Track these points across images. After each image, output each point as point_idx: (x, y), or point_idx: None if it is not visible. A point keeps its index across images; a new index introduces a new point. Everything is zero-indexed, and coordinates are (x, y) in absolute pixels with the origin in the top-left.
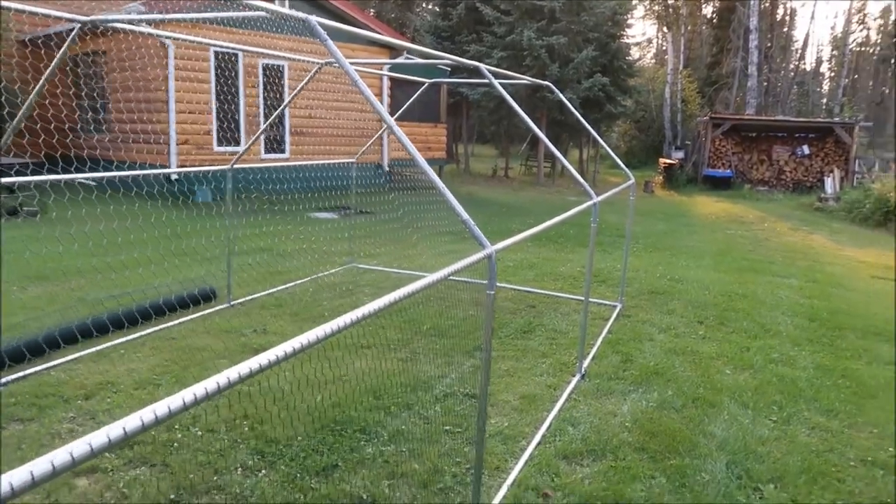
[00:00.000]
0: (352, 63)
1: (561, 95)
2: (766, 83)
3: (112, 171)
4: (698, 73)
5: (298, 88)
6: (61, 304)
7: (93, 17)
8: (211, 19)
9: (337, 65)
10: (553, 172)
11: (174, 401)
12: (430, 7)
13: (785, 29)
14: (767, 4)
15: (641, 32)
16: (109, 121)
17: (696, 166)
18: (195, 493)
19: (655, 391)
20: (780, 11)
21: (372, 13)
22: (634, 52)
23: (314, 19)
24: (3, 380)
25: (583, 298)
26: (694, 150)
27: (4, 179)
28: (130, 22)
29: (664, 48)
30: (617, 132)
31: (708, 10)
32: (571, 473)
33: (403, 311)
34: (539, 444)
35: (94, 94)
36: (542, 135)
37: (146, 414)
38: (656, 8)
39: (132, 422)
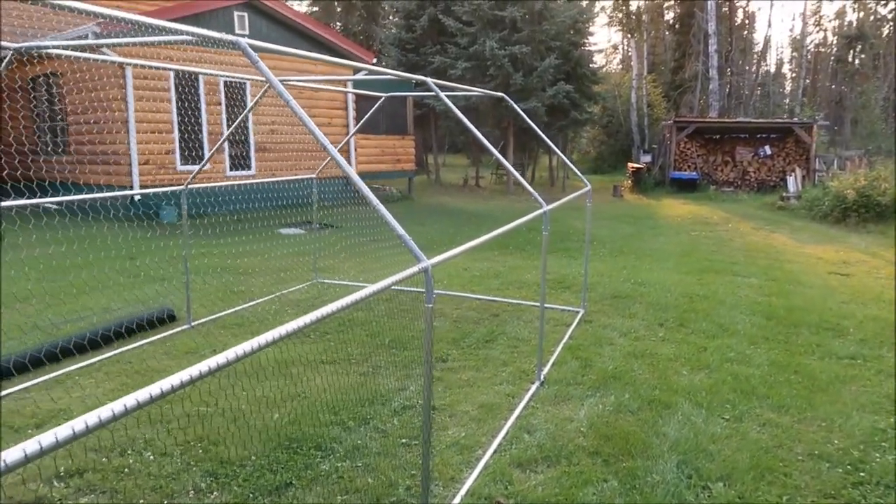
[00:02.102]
0: (314, 79)
1: (515, 105)
2: (728, 86)
3: (73, 193)
4: (663, 78)
5: (247, 110)
6: (19, 331)
7: (24, 45)
8: (144, 43)
9: (294, 82)
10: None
11: (104, 411)
12: (395, 20)
13: (745, 32)
14: (726, 9)
15: (607, 39)
16: (69, 143)
17: (663, 169)
18: None
19: (612, 395)
20: (740, 15)
21: (338, 26)
22: (599, 59)
23: (244, 41)
24: None
25: (547, 306)
26: (660, 154)
27: None
28: (66, 48)
29: (629, 54)
30: (586, 138)
31: (670, 16)
32: (525, 481)
33: (366, 324)
34: (495, 452)
35: (53, 117)
36: (490, 146)
37: (77, 424)
38: (619, 15)
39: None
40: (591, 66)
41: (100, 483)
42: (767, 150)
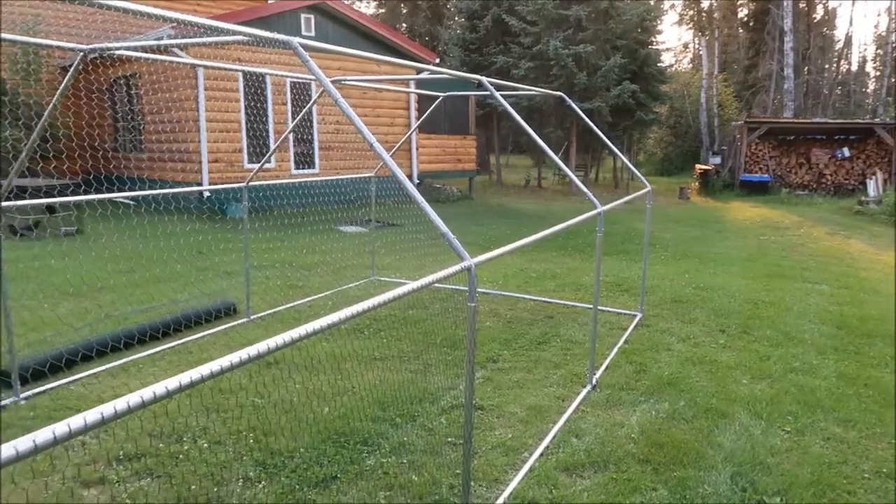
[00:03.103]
0: (372, 79)
1: (574, 105)
2: (806, 85)
3: (147, 189)
4: (735, 77)
5: (304, 111)
6: (90, 319)
7: (92, 46)
8: (200, 43)
9: (351, 82)
10: (586, 181)
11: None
12: (459, 20)
13: (824, 29)
14: (804, 6)
15: (677, 38)
16: (145, 140)
17: (733, 171)
18: None
19: (667, 402)
20: (820, 11)
21: (403, 28)
22: (667, 58)
23: (296, 41)
24: (26, 394)
25: (603, 309)
26: (730, 155)
27: (48, 200)
28: (134, 49)
29: (700, 53)
30: (653, 139)
31: (743, 13)
32: (570, 486)
33: (420, 322)
34: (541, 455)
35: (131, 116)
36: (546, 147)
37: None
38: (690, 13)
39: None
40: (658, 65)
41: (155, 467)
42: (846, 151)
